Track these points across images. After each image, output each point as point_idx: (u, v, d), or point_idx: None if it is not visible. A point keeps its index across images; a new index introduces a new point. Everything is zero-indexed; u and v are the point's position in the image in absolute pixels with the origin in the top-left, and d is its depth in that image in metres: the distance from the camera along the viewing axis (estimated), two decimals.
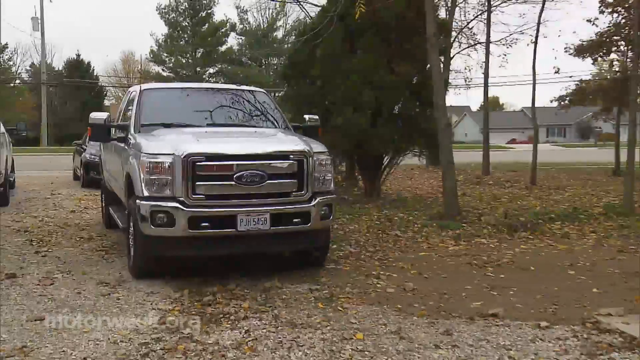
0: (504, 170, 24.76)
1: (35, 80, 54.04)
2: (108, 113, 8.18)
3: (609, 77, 22.86)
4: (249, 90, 8.73)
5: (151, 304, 5.58)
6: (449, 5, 19.66)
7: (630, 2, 16.84)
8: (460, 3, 20.68)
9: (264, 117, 8.12)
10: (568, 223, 10.56)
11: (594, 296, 6.03)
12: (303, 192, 6.10)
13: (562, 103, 25.62)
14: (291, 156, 6.13)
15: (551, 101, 27.48)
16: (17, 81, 59.51)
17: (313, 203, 6.14)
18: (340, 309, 5.46)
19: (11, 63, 59.88)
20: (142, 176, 5.86)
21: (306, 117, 8.42)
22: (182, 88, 9.62)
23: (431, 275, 6.89)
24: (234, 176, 5.75)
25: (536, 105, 21.54)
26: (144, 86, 8.47)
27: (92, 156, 15.29)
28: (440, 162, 11.26)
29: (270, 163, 6.03)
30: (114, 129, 7.62)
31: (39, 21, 50.54)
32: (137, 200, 5.86)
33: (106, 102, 61.08)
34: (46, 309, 5.36)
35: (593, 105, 26.84)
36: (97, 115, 7.46)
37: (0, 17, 66.44)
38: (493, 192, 16.29)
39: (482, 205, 13.14)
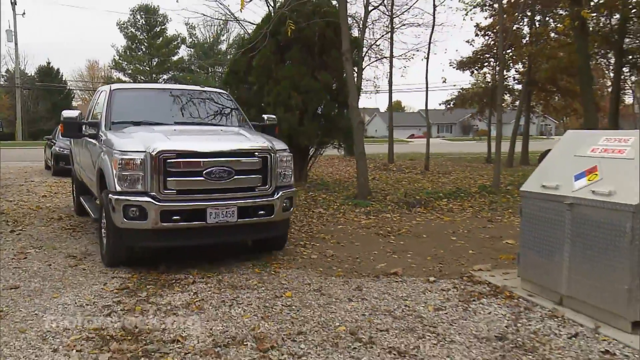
0: (404, 159, 25.24)
1: (11, 84, 51.53)
2: (80, 111, 7.18)
3: (482, 86, 23.74)
4: (213, 92, 7.87)
5: (113, 272, 5.46)
6: (361, 26, 19.86)
7: (496, 28, 17.50)
8: (370, 25, 20.95)
9: (228, 116, 7.35)
10: (452, 200, 10.91)
11: (469, 256, 6.31)
12: (267, 186, 5.57)
13: (448, 106, 26.55)
14: (256, 153, 5.57)
15: (440, 104, 28.42)
16: None
17: (276, 197, 5.63)
18: (273, 273, 5.53)
19: None
20: (114, 172, 5.23)
21: (265, 116, 7.57)
22: (150, 88, 8.84)
23: (346, 243, 7.01)
24: (204, 172, 5.19)
25: (429, 107, 22.04)
26: (114, 86, 7.48)
27: (61, 149, 15.10)
28: (354, 153, 11.41)
29: (237, 160, 5.45)
30: (85, 126, 6.75)
31: (13, 33, 48.00)
32: (110, 195, 5.23)
33: (74, 103, 59.28)
34: (20, 279, 5.20)
35: (471, 108, 27.80)
36: (69, 113, 6.56)
37: None
38: (396, 177, 16.58)
39: (387, 187, 13.35)
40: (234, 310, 4.41)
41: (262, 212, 5.53)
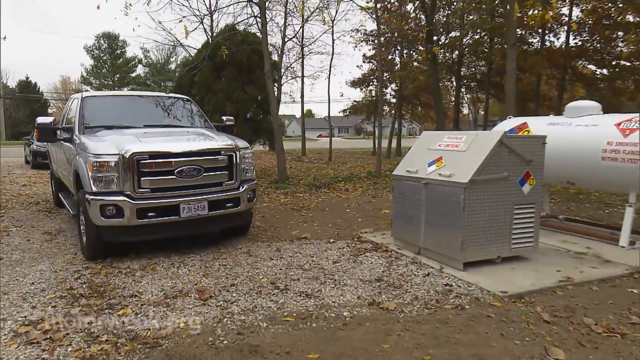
0: (314, 153, 25.38)
1: None
2: (53, 117, 6.15)
3: (368, 99, 24.37)
4: (177, 97, 6.68)
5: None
6: (279, 52, 19.60)
7: (377, 58, 18.02)
8: (286, 52, 20.73)
9: (192, 119, 6.27)
10: (347, 182, 11.04)
11: (359, 223, 6.43)
12: (233, 181, 4.87)
13: (345, 113, 26.98)
14: (222, 152, 4.82)
15: (339, 112, 28.85)
16: None
17: (242, 190, 4.93)
18: (212, 241, 5.32)
19: None
20: (89, 174, 4.36)
21: (224, 118, 6.67)
22: (119, 95, 7.18)
23: (269, 217, 6.92)
24: (175, 171, 4.45)
25: (331, 114, 22.42)
26: (85, 93, 6.21)
27: (38, 147, 14.25)
28: (275, 149, 11.33)
29: (205, 158, 4.70)
30: (59, 130, 5.65)
31: None
32: (87, 195, 4.37)
33: (49, 110, 54.32)
34: (4, 252, 4.79)
35: (361, 115, 28.50)
36: (44, 120, 5.58)
37: None
38: (307, 166, 16.60)
39: (300, 174, 13.33)
40: (181, 270, 4.25)
41: (229, 204, 4.85)
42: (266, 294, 3.65)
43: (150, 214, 4.38)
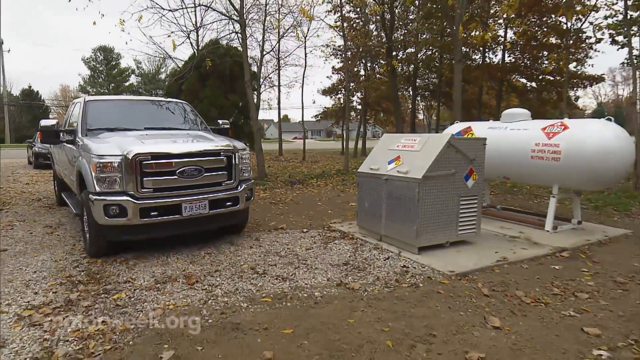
0: (290, 153, 25.18)
1: (0, 102, 45.29)
2: (57, 120, 5.56)
3: (337, 106, 24.40)
4: (175, 102, 6.11)
5: (80, 237, 4.88)
6: (258, 64, 19.32)
7: (344, 70, 18.06)
8: (264, 63, 20.40)
9: (190, 122, 5.72)
10: (319, 179, 10.99)
11: (329, 215, 6.39)
12: (232, 181, 4.48)
13: (317, 118, 26.91)
14: (222, 153, 4.42)
15: (312, 117, 28.72)
16: None
17: (240, 189, 4.54)
18: (199, 233, 5.15)
19: None
20: (93, 174, 3.94)
21: (220, 121, 6.17)
22: (120, 99, 6.41)
23: (250, 210, 6.74)
24: (177, 171, 4.06)
25: (305, 119, 22.23)
26: (87, 97, 5.62)
27: (40, 148, 13.70)
28: (255, 149, 11.17)
29: (206, 159, 4.29)
30: (62, 133, 5.09)
31: (1, 65, 41.91)
32: (90, 195, 3.94)
33: (50, 116, 51.87)
34: (8, 244, 4.57)
35: (332, 119, 28.47)
36: (47, 122, 5.09)
37: None
38: (283, 165, 16.43)
39: (277, 171, 13.16)
40: (170, 259, 4.13)
41: (229, 203, 4.45)
42: (247, 278, 3.60)
43: (153, 213, 3.98)
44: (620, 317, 2.91)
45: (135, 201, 3.88)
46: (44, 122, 5.10)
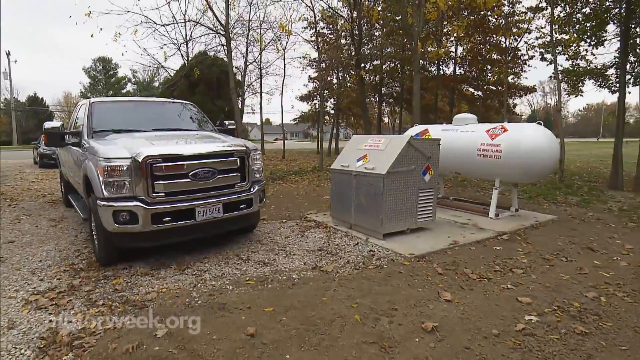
0: (271, 152, 24.78)
1: (8, 108, 44.02)
2: (61, 122, 4.61)
3: (313, 110, 24.30)
4: (181, 102, 5.35)
5: (81, 229, 4.74)
6: (243, 73, 18.92)
7: (319, 79, 18.02)
8: (248, 73, 19.94)
9: (197, 123, 4.97)
10: (297, 175, 10.89)
11: (306, 207, 6.33)
12: (245, 182, 3.86)
13: (295, 121, 26.69)
14: (235, 153, 3.78)
15: (291, 120, 28.43)
16: None
17: (254, 191, 3.92)
18: None
19: None
20: (101, 179, 3.29)
21: (226, 122, 5.57)
22: (126, 100, 5.33)
23: None
24: (190, 174, 3.45)
25: (285, 122, 21.96)
26: (93, 99, 4.79)
27: (44, 150, 13.34)
28: None
29: (219, 160, 3.65)
30: (68, 135, 4.47)
31: (8, 74, 40.03)
32: (98, 201, 3.30)
33: (54, 121, 49.09)
34: (16, 236, 4.37)
35: (309, 122, 28.34)
36: (51, 124, 4.42)
37: None
38: (265, 163, 16.07)
39: None
40: (163, 247, 3.97)
41: (243, 205, 3.83)
42: (232, 264, 3.55)
43: (165, 218, 3.35)
44: (547, 288, 3.07)
45: (146, 206, 3.25)
46: (48, 124, 4.42)
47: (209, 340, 2.27)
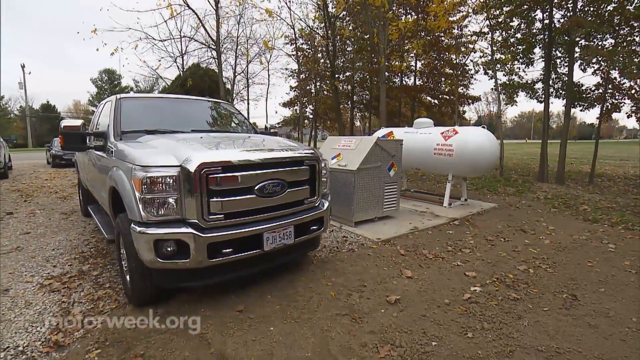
0: None
1: (23, 115, 41.91)
2: (82, 120, 3.14)
3: (295, 115, 24.02)
4: (216, 101, 3.81)
5: (89, 220, 4.59)
6: (232, 82, 18.43)
7: (300, 87, 17.82)
8: (236, 83, 19.50)
9: (242, 125, 3.61)
10: None
11: None
12: (315, 197, 2.65)
13: (279, 125, 26.28)
14: (305, 161, 2.57)
15: (276, 124, 27.99)
16: (12, 115, 45.84)
17: (324, 207, 2.71)
18: None
19: (7, 106, 46.49)
20: (137, 195, 2.05)
21: (267, 125, 4.50)
22: (156, 97, 3.75)
23: None
24: (255, 188, 2.25)
25: (268, 126, 21.43)
26: (120, 95, 3.30)
27: (56, 151, 12.45)
28: None
29: (290, 170, 2.44)
30: (89, 137, 2.90)
31: (23, 84, 37.82)
32: (134, 226, 2.08)
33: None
34: (31, 228, 4.14)
35: (291, 126, 28.04)
36: (70, 123, 2.95)
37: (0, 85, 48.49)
38: None
39: None
40: None
41: (315, 227, 2.65)
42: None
43: (225, 250, 2.16)
44: (489, 264, 3.21)
45: (200, 234, 2.08)
46: (66, 123, 2.98)
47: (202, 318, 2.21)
